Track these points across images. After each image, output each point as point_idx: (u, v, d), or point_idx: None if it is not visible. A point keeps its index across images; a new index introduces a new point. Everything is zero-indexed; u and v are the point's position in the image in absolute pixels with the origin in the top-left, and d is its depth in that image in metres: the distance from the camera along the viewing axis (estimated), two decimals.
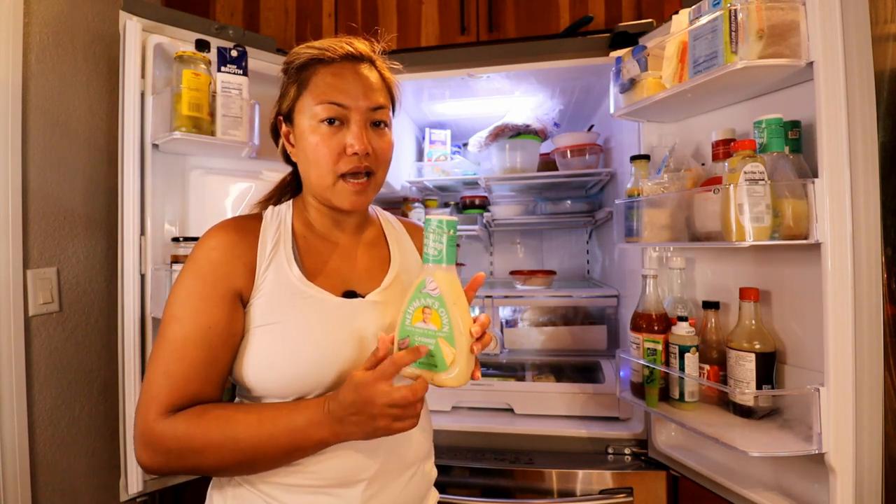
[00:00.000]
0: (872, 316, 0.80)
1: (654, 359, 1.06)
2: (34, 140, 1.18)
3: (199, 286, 0.67)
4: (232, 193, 1.30)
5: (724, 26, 0.86)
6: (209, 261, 0.69)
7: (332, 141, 0.71)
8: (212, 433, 0.63)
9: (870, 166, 0.80)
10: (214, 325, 0.67)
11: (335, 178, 0.72)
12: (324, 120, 0.71)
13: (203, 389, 0.66)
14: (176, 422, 0.63)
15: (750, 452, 0.85)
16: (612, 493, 1.15)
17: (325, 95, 0.71)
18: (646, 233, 1.08)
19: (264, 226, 0.75)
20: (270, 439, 0.63)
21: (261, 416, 0.65)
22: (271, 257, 0.72)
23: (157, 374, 0.65)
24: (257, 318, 0.69)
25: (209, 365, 0.67)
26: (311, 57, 0.72)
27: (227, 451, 0.63)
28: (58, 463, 1.22)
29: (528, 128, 1.63)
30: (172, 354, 0.65)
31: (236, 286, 0.69)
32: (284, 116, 0.76)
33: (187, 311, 0.66)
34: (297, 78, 0.73)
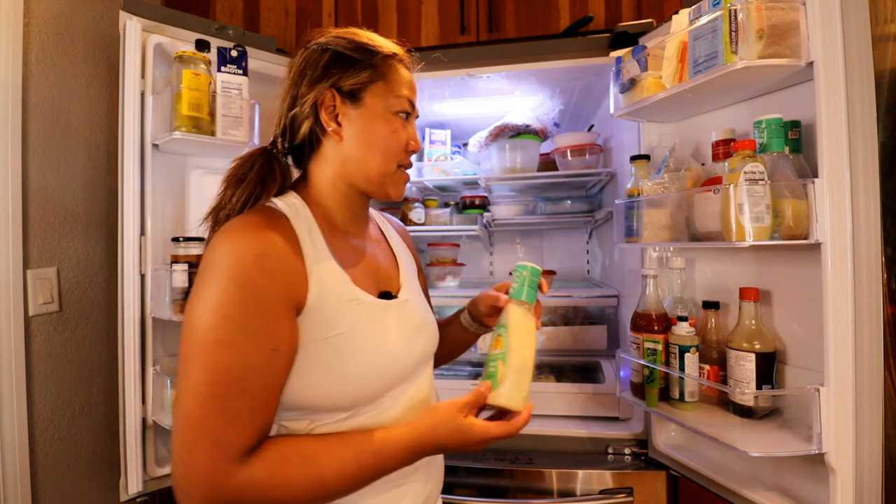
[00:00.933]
0: (872, 316, 0.80)
1: (654, 359, 1.06)
2: (34, 140, 1.18)
3: (256, 303, 0.58)
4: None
5: (724, 26, 0.86)
6: (262, 270, 0.59)
7: (403, 134, 0.74)
8: (296, 482, 0.58)
9: (870, 166, 0.80)
10: (279, 346, 0.59)
11: (396, 167, 0.74)
12: (400, 112, 0.73)
13: (268, 420, 0.60)
14: (254, 471, 0.56)
15: (750, 452, 0.84)
16: (612, 493, 1.15)
17: (406, 91, 0.74)
18: (646, 233, 1.08)
19: (295, 224, 0.67)
20: (356, 479, 0.62)
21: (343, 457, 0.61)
22: (317, 261, 0.66)
23: (211, 412, 0.55)
24: (315, 330, 0.63)
25: (273, 392, 0.60)
26: (391, 51, 0.75)
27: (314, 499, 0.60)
28: (58, 463, 1.22)
29: (528, 128, 1.63)
30: (231, 387, 0.56)
31: (294, 298, 0.62)
32: (344, 92, 0.71)
33: (245, 333, 0.57)
34: (376, 64, 0.73)
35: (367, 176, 0.73)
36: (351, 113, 0.72)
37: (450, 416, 0.66)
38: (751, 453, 0.85)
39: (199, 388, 0.55)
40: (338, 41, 0.73)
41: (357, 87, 0.71)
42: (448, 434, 0.65)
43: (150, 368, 1.14)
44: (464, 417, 0.66)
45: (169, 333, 1.23)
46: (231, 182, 0.71)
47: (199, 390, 0.55)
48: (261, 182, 0.71)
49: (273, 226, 0.64)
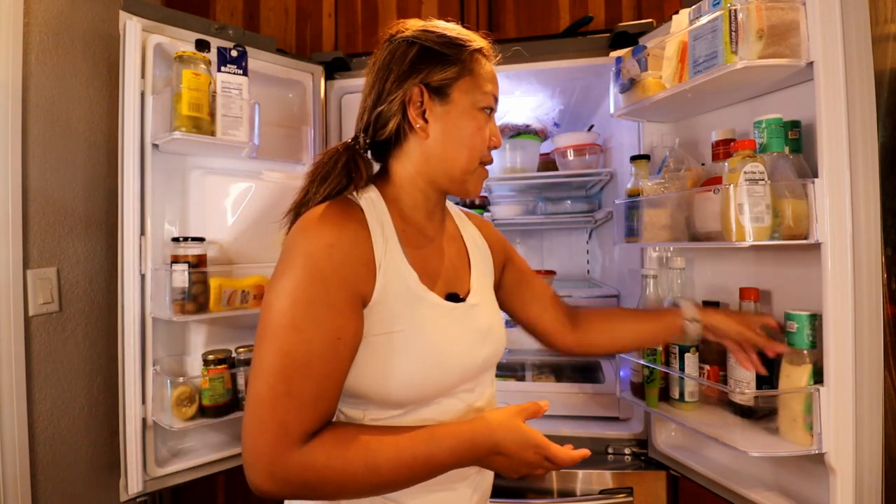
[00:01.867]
0: (872, 316, 0.80)
1: (654, 359, 1.06)
2: (34, 140, 1.18)
3: (323, 291, 0.60)
4: (232, 193, 1.30)
5: (724, 26, 0.86)
6: (331, 261, 0.61)
7: (486, 130, 0.73)
8: (355, 464, 0.59)
9: (870, 166, 0.80)
10: (344, 335, 0.61)
11: (478, 163, 0.73)
12: (485, 108, 0.72)
13: (330, 407, 0.62)
14: (314, 453, 0.58)
15: (750, 452, 0.85)
16: (612, 493, 1.15)
17: (491, 86, 0.73)
18: (646, 233, 1.08)
19: (369, 218, 0.68)
20: (410, 471, 0.61)
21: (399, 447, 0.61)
22: (387, 257, 0.67)
23: (279, 392, 0.58)
24: (378, 324, 0.65)
25: (337, 380, 0.62)
26: (478, 46, 0.73)
27: (368, 485, 0.60)
28: (58, 463, 1.22)
29: (528, 128, 1.63)
30: (297, 371, 0.58)
31: (360, 290, 0.64)
32: (433, 88, 0.70)
33: (311, 321, 0.59)
34: (464, 59, 0.71)
35: (449, 173, 0.72)
36: (438, 110, 0.71)
37: (508, 417, 0.65)
38: (751, 453, 0.85)
39: (268, 369, 0.59)
40: (426, 35, 0.72)
41: (445, 83, 0.70)
42: (504, 435, 0.63)
43: (150, 368, 1.14)
44: (522, 421, 0.65)
45: (169, 333, 1.23)
46: (316, 179, 0.72)
47: (268, 371, 0.59)
48: (345, 178, 0.72)
49: (347, 217, 0.66)
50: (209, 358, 1.17)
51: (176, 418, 1.13)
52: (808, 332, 0.85)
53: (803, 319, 0.85)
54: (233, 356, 1.22)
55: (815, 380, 0.84)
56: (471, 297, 0.77)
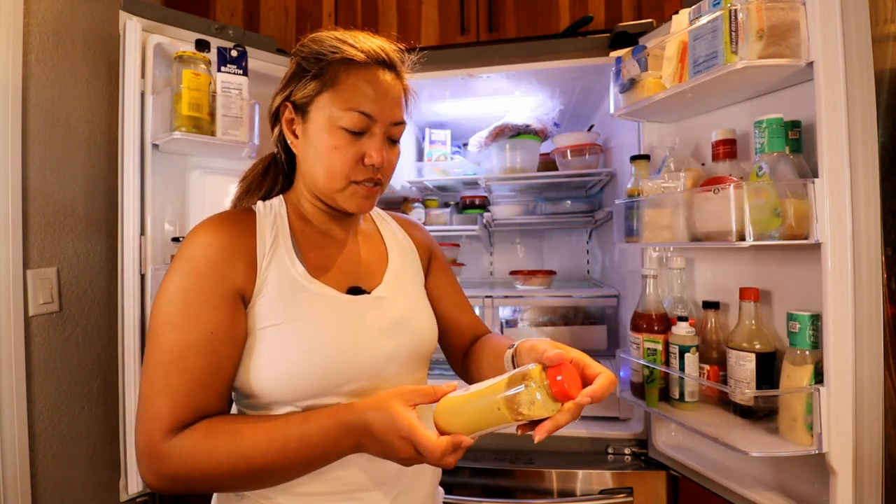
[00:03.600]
0: (872, 316, 0.80)
1: (654, 359, 1.06)
2: (34, 140, 1.18)
3: (198, 287, 0.62)
4: (232, 193, 1.30)
5: (725, 26, 0.86)
6: (206, 258, 0.63)
7: (352, 149, 0.68)
8: (220, 452, 0.58)
9: (870, 166, 0.80)
10: (217, 329, 0.61)
11: (346, 182, 0.69)
12: (346, 128, 0.67)
13: (208, 401, 0.61)
14: (182, 442, 0.58)
15: (750, 453, 0.85)
16: (612, 493, 1.15)
17: (353, 102, 0.67)
18: (646, 233, 1.08)
19: (260, 220, 0.70)
20: (282, 455, 0.59)
21: (270, 430, 0.60)
22: (272, 253, 0.68)
23: (156, 388, 0.59)
24: (262, 318, 0.65)
25: (214, 374, 0.62)
26: (343, 56, 0.68)
27: (237, 471, 0.59)
28: (58, 462, 1.22)
29: (528, 128, 1.63)
30: (173, 365, 0.60)
31: (238, 285, 0.64)
32: (295, 105, 0.71)
33: (186, 316, 0.61)
34: (323, 72, 0.68)
35: (317, 188, 0.72)
36: (301, 127, 0.71)
37: (385, 397, 0.59)
38: (751, 454, 0.85)
39: (149, 366, 0.61)
40: (301, 49, 0.72)
41: (305, 100, 0.70)
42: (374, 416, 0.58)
43: None
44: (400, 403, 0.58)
45: None
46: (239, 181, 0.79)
47: (147, 367, 0.61)
48: (252, 183, 0.78)
49: (232, 220, 0.68)
50: None
51: None
52: (809, 333, 0.85)
53: (805, 320, 0.85)
54: None
55: (817, 380, 0.84)
56: (378, 290, 0.75)
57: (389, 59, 0.71)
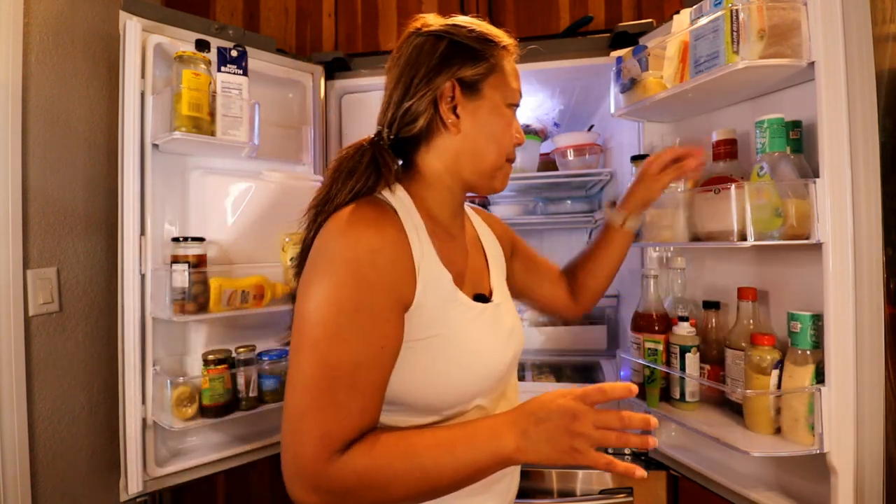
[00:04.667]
0: (873, 316, 0.80)
1: (655, 359, 1.06)
2: (34, 140, 1.18)
3: (368, 300, 0.58)
4: (232, 193, 1.30)
5: (726, 26, 0.86)
6: (375, 267, 0.59)
7: (512, 127, 0.73)
8: (397, 465, 0.57)
9: (871, 166, 0.80)
10: (388, 344, 0.60)
11: (504, 160, 0.73)
12: (512, 105, 0.72)
13: (375, 416, 0.60)
14: (354, 458, 0.56)
15: (752, 453, 0.85)
16: (612, 493, 1.15)
17: (518, 83, 0.73)
18: (647, 233, 1.08)
19: (403, 218, 0.66)
20: (452, 457, 0.57)
21: (436, 435, 0.59)
22: (423, 258, 0.65)
23: (323, 406, 0.56)
24: (417, 329, 0.63)
25: (381, 388, 0.60)
26: (506, 42, 0.73)
27: (413, 482, 0.57)
28: (58, 463, 1.22)
29: (528, 128, 1.63)
30: (342, 382, 0.57)
31: (403, 296, 0.62)
32: (465, 83, 0.69)
33: (356, 330, 0.57)
34: (494, 55, 0.71)
35: (479, 169, 0.72)
36: (470, 105, 0.70)
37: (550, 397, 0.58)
38: (753, 453, 0.85)
39: (311, 381, 0.57)
40: (457, 29, 0.71)
41: (477, 79, 0.70)
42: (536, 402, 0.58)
43: (150, 368, 1.14)
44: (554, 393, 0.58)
45: (169, 333, 1.23)
46: (340, 175, 0.69)
47: (311, 383, 0.57)
48: (373, 174, 0.69)
49: (385, 221, 0.63)
50: (209, 358, 1.17)
51: (176, 418, 1.13)
52: (810, 333, 0.85)
53: (806, 319, 0.85)
54: (233, 356, 1.22)
55: (817, 380, 0.84)
56: (494, 296, 0.77)
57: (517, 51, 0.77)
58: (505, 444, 0.57)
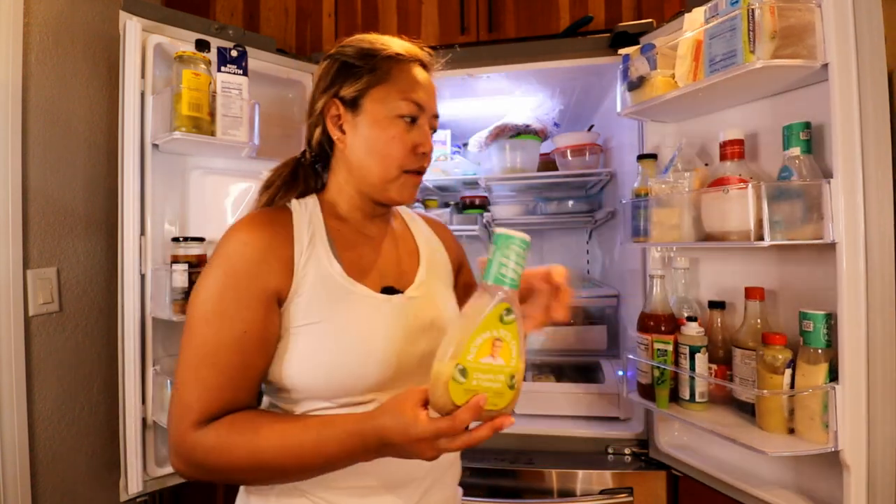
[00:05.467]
0: (886, 314, 0.81)
1: (665, 359, 1.06)
2: (34, 140, 1.18)
3: (233, 286, 0.63)
4: (232, 193, 1.30)
5: (744, 25, 0.85)
6: (243, 258, 0.64)
7: (407, 137, 0.72)
8: (238, 449, 0.60)
9: (883, 166, 0.81)
10: (250, 328, 0.63)
11: (399, 172, 0.72)
12: (404, 116, 0.71)
13: (237, 396, 0.63)
14: (206, 435, 0.60)
15: (769, 453, 0.85)
16: (613, 493, 1.15)
17: (409, 93, 0.72)
18: (654, 232, 1.08)
19: (296, 218, 0.71)
20: (297, 460, 0.59)
21: (285, 433, 0.60)
22: (309, 252, 0.69)
23: (188, 380, 0.62)
24: (299, 317, 0.66)
25: (244, 371, 0.63)
26: (392, 52, 0.73)
27: (253, 469, 0.60)
28: (58, 463, 1.22)
29: (528, 128, 1.63)
30: (204, 360, 0.62)
31: (272, 286, 0.65)
32: (344, 100, 0.73)
33: (220, 314, 0.62)
34: (375, 67, 0.72)
35: (368, 181, 0.74)
36: (353, 120, 0.73)
37: (397, 403, 0.57)
38: (769, 454, 0.85)
39: (182, 358, 0.63)
40: (344, 49, 0.75)
41: (357, 94, 0.72)
42: (390, 423, 0.56)
43: (150, 368, 1.14)
44: (412, 407, 0.55)
45: (169, 333, 1.23)
46: (262, 188, 0.78)
47: (182, 360, 0.63)
48: (283, 187, 0.77)
49: (269, 219, 0.69)
50: None
51: None
52: (823, 332, 0.85)
53: (819, 319, 0.85)
54: None
55: (830, 378, 0.85)
56: (410, 289, 0.76)
57: (425, 58, 0.77)
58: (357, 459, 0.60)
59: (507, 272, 0.54)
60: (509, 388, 0.54)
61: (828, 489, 0.89)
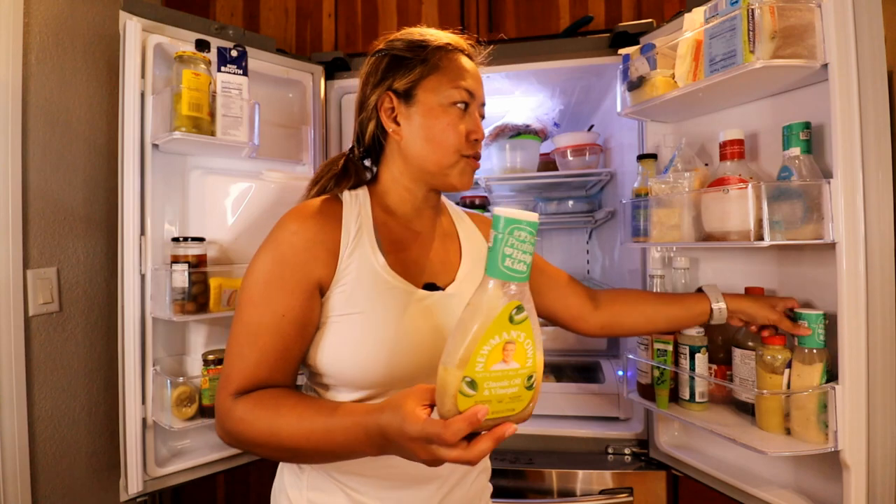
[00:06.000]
0: (886, 314, 0.81)
1: (665, 359, 1.06)
2: (34, 140, 1.18)
3: (278, 272, 0.67)
4: (232, 193, 1.30)
5: (743, 25, 0.85)
6: (291, 245, 0.68)
7: (462, 124, 0.73)
8: (260, 424, 0.62)
9: (883, 166, 0.81)
10: (289, 313, 0.66)
11: (458, 157, 0.74)
12: (457, 103, 0.73)
13: (273, 376, 0.66)
14: (238, 406, 0.64)
15: (769, 453, 0.85)
16: (613, 493, 1.15)
17: (460, 80, 0.73)
18: (654, 232, 1.08)
19: (346, 211, 0.74)
20: (308, 443, 0.60)
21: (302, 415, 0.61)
22: (355, 243, 0.71)
23: (232, 355, 0.67)
24: (339, 306, 0.69)
25: (281, 353, 0.67)
26: (443, 43, 0.75)
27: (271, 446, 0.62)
28: (58, 463, 1.22)
29: (528, 128, 1.63)
30: (246, 338, 0.66)
31: (316, 275, 0.68)
32: (397, 93, 0.75)
33: (264, 297, 0.66)
34: (427, 58, 0.74)
35: (427, 170, 0.76)
36: (407, 111, 0.75)
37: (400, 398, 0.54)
38: (769, 454, 0.85)
39: (231, 335, 0.68)
40: (393, 43, 0.77)
41: (410, 85, 0.74)
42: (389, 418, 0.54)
43: (150, 368, 1.13)
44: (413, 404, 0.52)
45: (169, 333, 1.23)
46: (311, 183, 0.82)
47: (231, 336, 0.68)
48: (333, 179, 0.80)
49: (319, 209, 0.72)
50: (209, 358, 1.17)
51: (176, 418, 1.13)
52: (819, 332, 0.85)
53: (814, 318, 0.85)
54: None
55: (826, 378, 0.85)
56: (451, 287, 0.77)
57: (469, 48, 0.79)
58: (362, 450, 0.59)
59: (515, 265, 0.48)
60: (527, 390, 0.51)
61: (828, 489, 0.89)
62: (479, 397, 0.48)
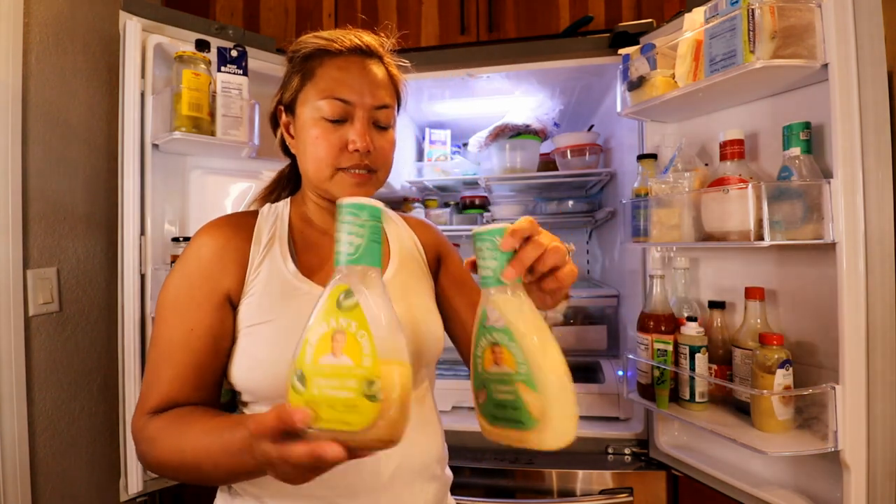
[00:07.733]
0: (886, 314, 0.81)
1: (665, 359, 1.06)
2: (34, 140, 1.18)
3: (186, 287, 0.65)
4: (232, 193, 1.30)
5: (743, 25, 0.85)
6: (198, 258, 0.66)
7: (334, 136, 0.68)
8: (167, 442, 0.59)
9: (883, 166, 0.81)
10: (197, 327, 0.64)
11: (333, 170, 0.68)
12: (326, 117, 0.67)
13: (190, 394, 0.63)
14: (152, 425, 0.61)
15: (769, 453, 0.85)
16: (613, 493, 1.15)
17: (329, 90, 0.68)
18: (654, 232, 1.08)
19: (259, 222, 0.72)
20: (209, 456, 0.55)
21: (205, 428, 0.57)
22: (265, 253, 0.68)
23: (148, 374, 0.65)
24: (248, 317, 0.65)
25: (194, 369, 0.64)
26: (317, 47, 0.69)
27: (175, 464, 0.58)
28: (58, 463, 1.22)
29: (528, 128, 1.63)
30: (159, 356, 0.64)
31: (224, 286, 0.66)
32: (286, 106, 0.74)
33: (174, 313, 0.65)
34: (302, 68, 0.70)
35: (310, 183, 0.73)
36: (294, 125, 0.73)
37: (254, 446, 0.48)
38: (769, 453, 0.85)
39: (147, 354, 0.68)
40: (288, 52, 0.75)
41: (292, 99, 0.72)
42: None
43: None
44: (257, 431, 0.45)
45: None
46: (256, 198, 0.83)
47: (147, 355, 0.67)
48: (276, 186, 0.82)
49: (231, 222, 0.71)
50: None
51: None
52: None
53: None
54: None
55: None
56: None
57: (366, 46, 0.71)
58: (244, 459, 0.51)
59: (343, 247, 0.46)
60: (368, 400, 0.41)
61: (828, 489, 0.90)
62: (309, 395, 0.43)
